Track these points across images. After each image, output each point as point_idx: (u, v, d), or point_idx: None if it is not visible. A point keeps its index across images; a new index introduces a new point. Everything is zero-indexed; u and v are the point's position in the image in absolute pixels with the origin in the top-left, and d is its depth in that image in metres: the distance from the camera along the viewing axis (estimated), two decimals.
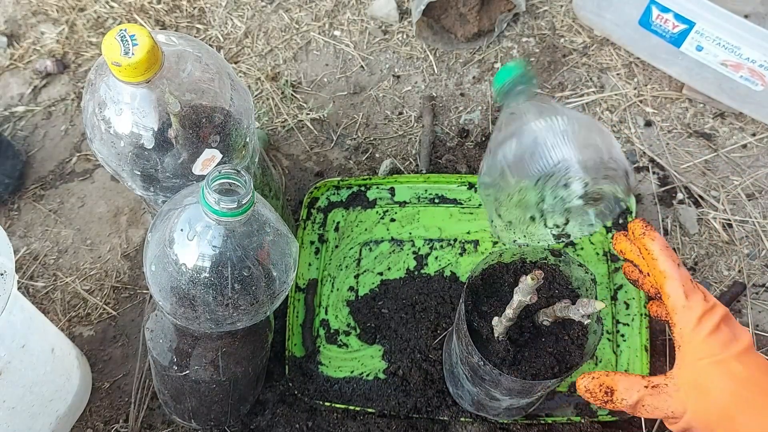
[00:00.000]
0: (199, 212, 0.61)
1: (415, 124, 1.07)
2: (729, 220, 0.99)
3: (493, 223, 0.77)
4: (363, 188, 0.98)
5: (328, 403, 0.86)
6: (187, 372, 0.74)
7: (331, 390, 0.87)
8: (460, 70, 1.11)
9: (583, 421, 0.84)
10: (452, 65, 1.11)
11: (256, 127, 1.05)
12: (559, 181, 0.72)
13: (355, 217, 0.97)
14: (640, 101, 1.07)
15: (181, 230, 0.62)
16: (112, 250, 0.99)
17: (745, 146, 1.04)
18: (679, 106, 1.07)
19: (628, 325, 0.90)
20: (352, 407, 0.86)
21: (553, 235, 0.77)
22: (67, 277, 0.97)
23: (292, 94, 1.09)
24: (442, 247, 0.94)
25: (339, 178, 0.99)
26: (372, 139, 1.06)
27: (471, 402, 0.81)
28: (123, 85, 0.62)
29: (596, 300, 0.61)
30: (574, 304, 0.63)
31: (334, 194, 0.98)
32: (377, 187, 0.99)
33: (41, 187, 1.03)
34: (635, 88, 1.08)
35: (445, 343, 0.86)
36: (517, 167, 0.72)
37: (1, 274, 0.64)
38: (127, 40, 0.59)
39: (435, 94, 1.09)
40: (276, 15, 1.15)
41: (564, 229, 0.76)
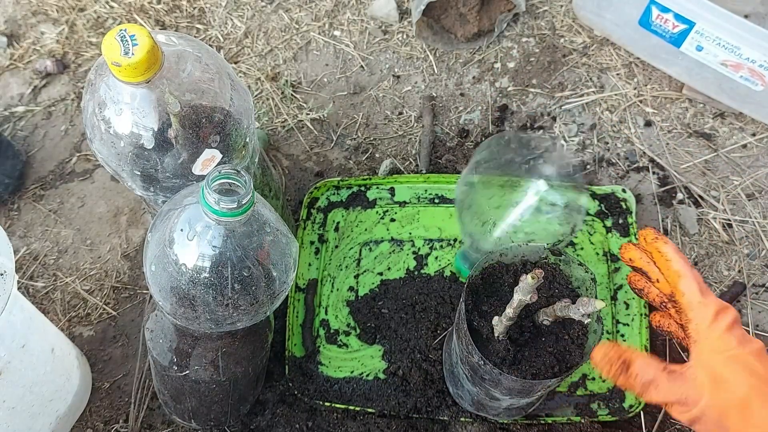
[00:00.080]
0: (199, 212, 0.61)
1: (415, 124, 1.07)
2: (729, 220, 0.99)
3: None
4: (363, 188, 0.98)
5: (328, 403, 0.86)
6: (187, 372, 0.74)
7: (331, 390, 0.87)
8: (460, 70, 1.11)
9: (583, 421, 0.84)
10: (452, 65, 1.11)
11: (256, 127, 1.05)
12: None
13: (355, 217, 0.97)
14: (640, 101, 1.07)
15: (181, 230, 0.62)
16: (112, 250, 0.99)
17: (745, 146, 1.04)
18: (679, 106, 1.07)
19: (628, 325, 0.90)
20: (352, 407, 0.86)
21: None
22: (67, 277, 0.97)
23: (292, 94, 1.09)
24: (442, 247, 0.94)
25: (339, 178, 0.99)
26: (372, 139, 1.06)
27: (471, 402, 0.81)
28: (123, 85, 0.62)
29: (596, 299, 0.61)
30: (574, 304, 0.63)
31: (334, 194, 0.98)
32: (377, 187, 0.99)
33: (41, 187, 1.03)
34: (635, 88, 1.08)
35: (445, 343, 0.86)
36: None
37: (1, 274, 0.64)
38: (127, 40, 0.59)
39: (435, 94, 1.09)
40: (276, 15, 1.15)
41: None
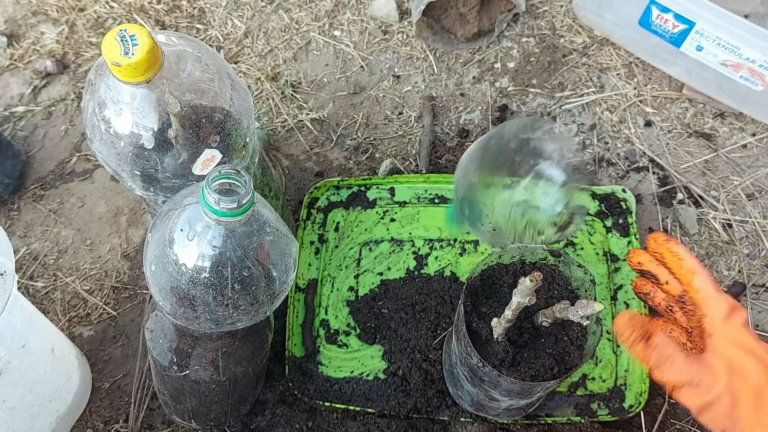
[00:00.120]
0: (199, 212, 0.61)
1: (415, 124, 1.07)
2: (729, 220, 0.99)
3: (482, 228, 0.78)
4: (363, 188, 0.98)
5: (328, 403, 0.86)
6: (187, 372, 0.74)
7: (331, 390, 0.87)
8: (460, 70, 1.11)
9: (583, 421, 0.84)
10: (452, 65, 1.11)
11: (256, 127, 1.05)
12: (532, 236, 0.74)
13: (355, 217, 0.97)
14: (640, 101, 1.07)
15: (181, 230, 0.62)
16: (112, 250, 0.99)
17: (745, 146, 1.04)
18: (679, 106, 1.07)
19: None
20: (352, 407, 0.86)
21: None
22: (67, 277, 0.97)
23: (292, 94, 1.09)
24: (441, 247, 0.94)
25: (339, 178, 0.99)
26: (372, 139, 1.06)
27: (471, 402, 0.81)
28: (123, 85, 0.62)
29: (595, 301, 0.61)
30: (573, 306, 0.63)
31: (334, 194, 0.98)
32: (377, 187, 0.99)
33: (41, 187, 1.03)
34: (635, 88, 1.08)
35: (444, 344, 0.86)
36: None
37: (1, 274, 0.64)
38: (127, 40, 0.59)
39: (435, 94, 1.09)
40: (276, 15, 1.15)
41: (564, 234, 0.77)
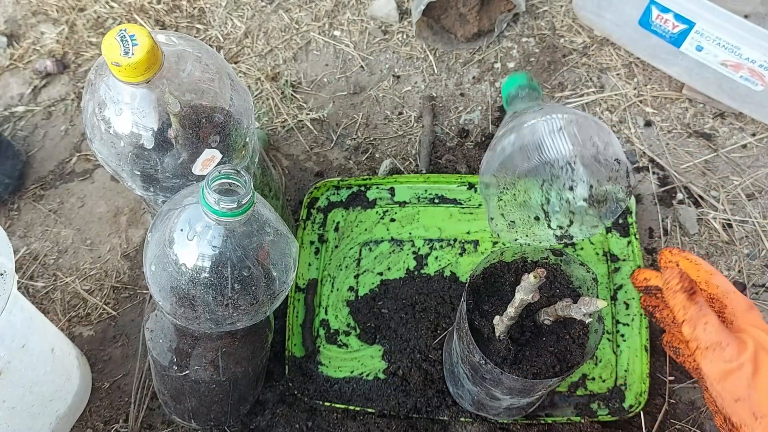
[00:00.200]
0: (199, 212, 0.60)
1: (415, 124, 1.07)
2: (729, 220, 0.99)
3: (494, 221, 0.77)
4: (363, 188, 0.98)
5: (328, 403, 0.86)
6: (187, 372, 0.74)
7: (331, 390, 0.87)
8: (460, 70, 1.11)
9: (583, 421, 0.84)
10: (452, 65, 1.11)
11: (256, 127, 1.05)
12: (565, 184, 0.72)
13: (355, 217, 0.97)
14: (640, 101, 1.07)
15: (181, 230, 0.62)
16: (112, 250, 0.99)
17: (745, 146, 1.04)
18: (679, 106, 1.07)
19: (628, 325, 0.90)
20: (352, 407, 0.86)
21: (557, 236, 0.77)
22: (67, 277, 0.97)
23: (292, 94, 1.09)
24: (442, 247, 0.94)
25: (339, 178, 0.99)
26: (372, 139, 1.06)
27: (471, 402, 0.81)
28: (123, 85, 0.62)
29: (598, 298, 0.61)
30: (575, 303, 0.63)
31: (334, 194, 0.98)
32: (377, 187, 0.99)
33: (41, 187, 1.03)
34: (635, 88, 1.08)
35: (445, 343, 0.86)
36: (514, 162, 0.72)
37: (1, 274, 0.64)
38: (127, 40, 0.59)
39: (435, 94, 1.09)
40: (276, 15, 1.15)
41: (567, 231, 0.76)
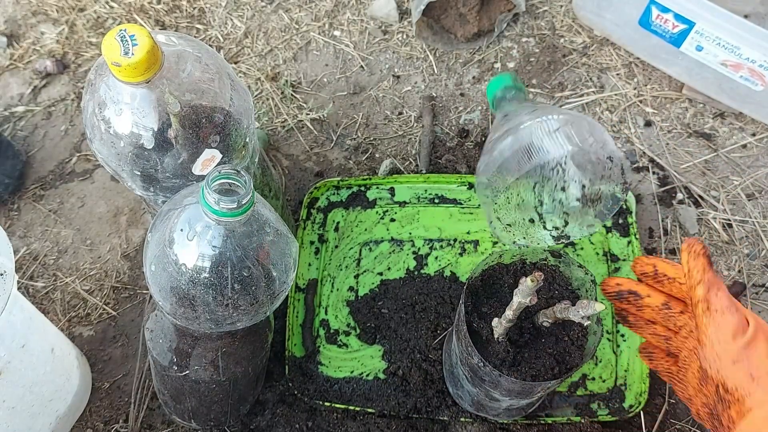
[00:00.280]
0: (199, 212, 0.61)
1: (415, 124, 1.07)
2: (729, 220, 0.99)
3: (492, 223, 0.77)
4: (363, 188, 0.98)
5: (328, 403, 0.86)
6: (187, 372, 0.74)
7: (331, 390, 0.87)
8: (460, 70, 1.11)
9: (583, 421, 0.84)
10: (452, 65, 1.11)
11: (256, 127, 1.05)
12: (556, 185, 0.72)
13: (355, 217, 0.97)
14: (640, 101, 1.07)
15: (181, 230, 0.62)
16: (112, 250, 0.99)
17: (745, 146, 1.04)
18: (679, 106, 1.07)
19: None
20: (352, 407, 0.86)
21: (553, 237, 0.77)
22: (67, 277, 0.97)
23: (292, 94, 1.09)
24: (442, 247, 0.94)
25: (339, 178, 0.99)
26: (372, 139, 1.06)
27: (471, 402, 0.81)
28: (123, 85, 0.62)
29: (596, 301, 0.61)
30: (573, 306, 0.63)
31: (334, 194, 0.98)
32: (377, 187, 0.99)
33: (41, 187, 1.03)
34: (635, 88, 1.08)
35: (445, 344, 0.86)
36: (512, 165, 0.72)
37: (1, 274, 0.64)
38: (126, 40, 0.59)
39: (435, 94, 1.09)
40: (276, 15, 1.15)
41: (564, 231, 0.76)
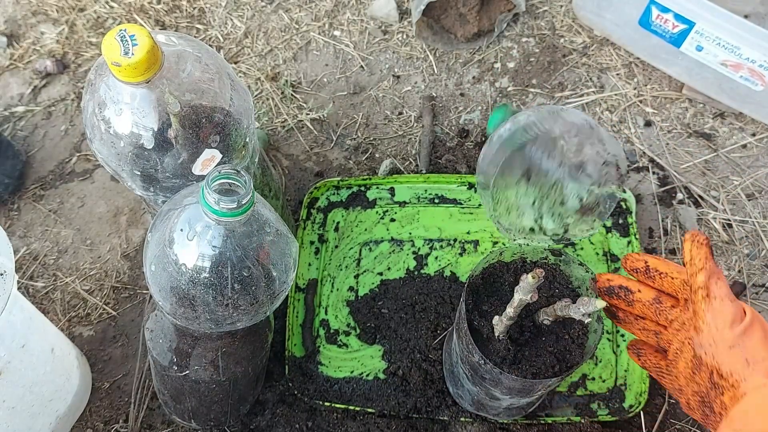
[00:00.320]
0: (199, 212, 0.61)
1: (415, 124, 1.07)
2: (729, 220, 0.99)
3: (493, 219, 0.77)
4: (363, 188, 0.98)
5: (328, 403, 0.86)
6: (187, 372, 0.74)
7: (331, 390, 0.87)
8: (460, 70, 1.11)
9: (583, 421, 0.84)
10: (452, 65, 1.11)
11: (256, 127, 1.05)
12: (555, 200, 0.73)
13: (355, 217, 0.97)
14: (640, 101, 1.07)
15: (181, 230, 0.62)
16: (112, 250, 0.99)
17: (745, 146, 1.04)
18: (679, 106, 1.07)
19: None
20: (352, 407, 0.86)
21: (554, 240, 0.77)
22: (67, 277, 0.97)
23: (292, 94, 1.09)
24: (441, 247, 0.94)
25: (339, 178, 0.99)
26: (372, 139, 1.06)
27: (471, 402, 0.81)
28: (123, 85, 0.62)
29: (597, 298, 0.61)
30: (574, 303, 0.63)
31: (334, 194, 0.98)
32: (377, 187, 0.99)
33: (41, 187, 1.03)
34: (635, 88, 1.08)
35: (445, 343, 0.86)
36: (507, 180, 0.73)
37: (1, 274, 0.64)
38: (126, 40, 0.59)
39: (435, 94, 1.09)
40: (276, 15, 1.15)
41: (564, 236, 0.76)
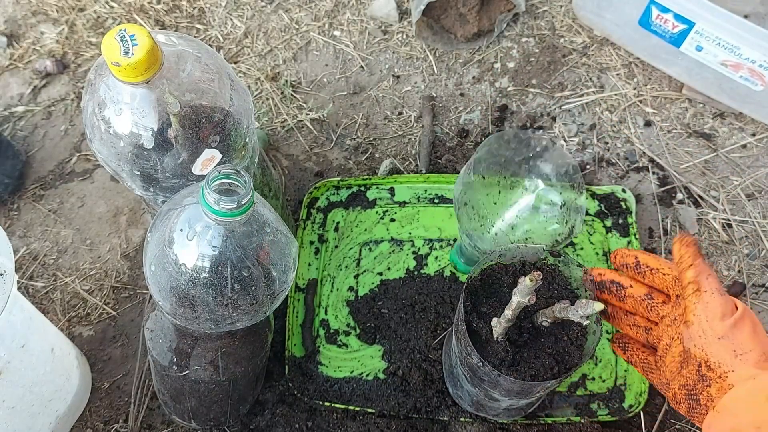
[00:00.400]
0: (199, 212, 0.61)
1: (415, 124, 1.07)
2: (729, 220, 0.99)
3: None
4: (363, 188, 0.98)
5: (327, 403, 0.86)
6: (187, 372, 0.74)
7: (330, 390, 0.87)
8: (459, 70, 1.11)
9: (582, 421, 0.84)
10: (452, 65, 1.11)
11: (256, 127, 1.05)
12: (545, 227, 0.75)
13: (354, 217, 0.97)
14: (640, 101, 1.07)
15: (181, 230, 0.62)
16: (111, 250, 0.99)
17: (744, 146, 1.04)
18: (678, 106, 1.07)
19: None
20: (351, 407, 0.86)
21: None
22: (66, 277, 0.97)
23: (292, 94, 1.09)
24: (441, 247, 0.94)
25: (339, 178, 0.99)
26: (372, 139, 1.06)
27: (470, 402, 0.81)
28: (123, 85, 0.62)
29: (595, 301, 0.61)
30: (573, 305, 0.63)
31: (334, 194, 0.98)
32: (377, 187, 0.99)
33: (41, 187, 1.03)
34: (635, 88, 1.08)
35: (444, 343, 0.86)
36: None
37: (1, 274, 0.64)
38: (126, 40, 0.59)
39: (435, 94, 1.09)
40: (276, 15, 1.15)
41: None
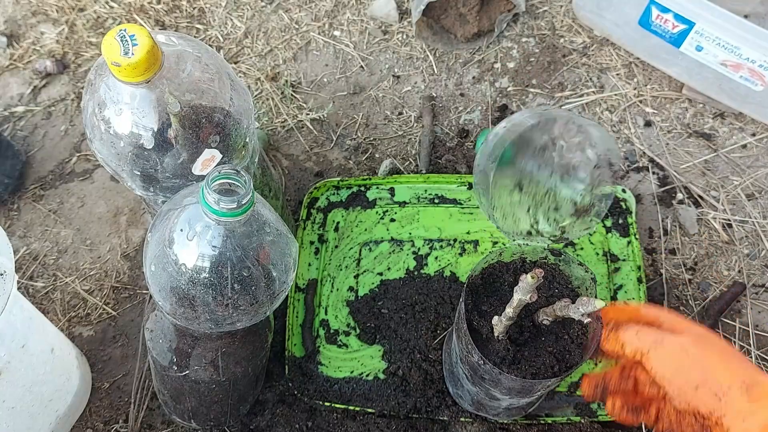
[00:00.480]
0: (199, 212, 0.61)
1: (415, 124, 1.07)
2: (729, 220, 0.99)
3: (492, 219, 0.78)
4: (363, 188, 0.98)
5: (327, 403, 0.86)
6: (187, 372, 0.74)
7: (330, 390, 0.87)
8: (459, 70, 1.11)
9: (582, 421, 0.84)
10: (452, 65, 1.11)
11: (256, 127, 1.05)
12: (549, 206, 0.73)
13: (354, 217, 0.97)
14: (640, 101, 1.07)
15: (181, 230, 0.62)
16: (111, 250, 0.99)
17: (744, 146, 1.04)
18: (678, 106, 1.07)
19: None
20: (351, 407, 0.86)
21: (553, 241, 0.77)
22: (66, 277, 0.97)
23: (292, 94, 1.09)
24: (441, 247, 0.94)
25: (339, 179, 0.99)
26: (372, 139, 1.06)
27: (471, 402, 0.81)
28: (123, 85, 0.62)
29: (596, 298, 0.61)
30: (573, 303, 0.63)
31: (334, 194, 0.98)
32: (377, 187, 0.99)
33: (41, 187, 1.03)
34: (635, 88, 1.08)
35: (444, 343, 0.86)
36: (502, 183, 0.74)
37: (1, 274, 0.64)
38: (126, 40, 0.59)
39: (435, 94, 1.09)
40: (276, 15, 1.15)
41: (561, 236, 0.76)
